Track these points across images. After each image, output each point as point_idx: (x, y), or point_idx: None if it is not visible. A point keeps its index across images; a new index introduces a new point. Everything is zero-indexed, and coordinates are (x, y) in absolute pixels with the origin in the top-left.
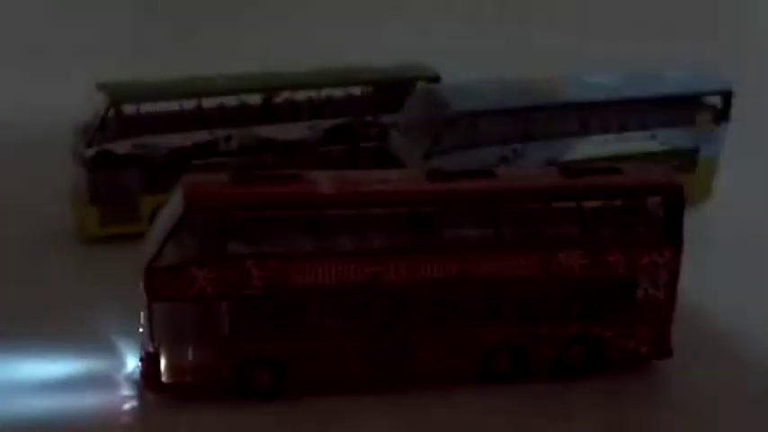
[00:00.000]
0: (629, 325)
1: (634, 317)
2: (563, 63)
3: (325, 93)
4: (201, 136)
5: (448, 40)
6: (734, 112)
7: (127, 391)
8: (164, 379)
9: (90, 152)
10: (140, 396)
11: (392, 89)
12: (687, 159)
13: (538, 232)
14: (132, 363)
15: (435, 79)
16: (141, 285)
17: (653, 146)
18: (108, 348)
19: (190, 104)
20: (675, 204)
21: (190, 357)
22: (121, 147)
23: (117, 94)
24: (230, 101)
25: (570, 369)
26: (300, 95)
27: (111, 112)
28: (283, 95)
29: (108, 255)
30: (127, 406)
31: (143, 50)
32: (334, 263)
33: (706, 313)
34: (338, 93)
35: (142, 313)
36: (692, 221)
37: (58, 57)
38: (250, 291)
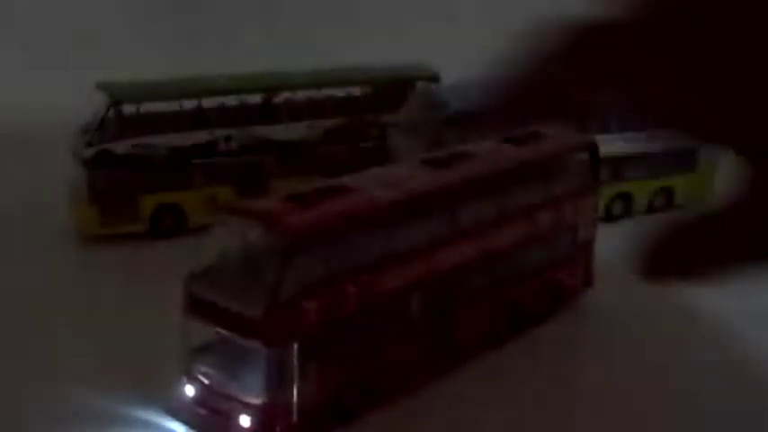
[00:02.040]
0: (573, 265)
1: (575, 257)
2: None
3: (325, 93)
4: (201, 136)
5: (448, 40)
6: None
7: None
8: (278, 429)
9: (90, 152)
10: None
11: (392, 89)
12: (687, 159)
13: (525, 200)
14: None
15: (435, 79)
16: (240, 336)
17: (653, 146)
18: (108, 348)
19: (190, 104)
20: (595, 157)
21: (294, 397)
22: (121, 147)
23: (117, 94)
24: (230, 101)
25: (542, 315)
26: (300, 95)
27: (111, 112)
28: (283, 95)
29: (108, 255)
30: None
31: (143, 50)
32: (411, 261)
33: (705, 313)
34: (338, 93)
35: (242, 363)
36: None
37: (59, 57)
38: (346, 311)
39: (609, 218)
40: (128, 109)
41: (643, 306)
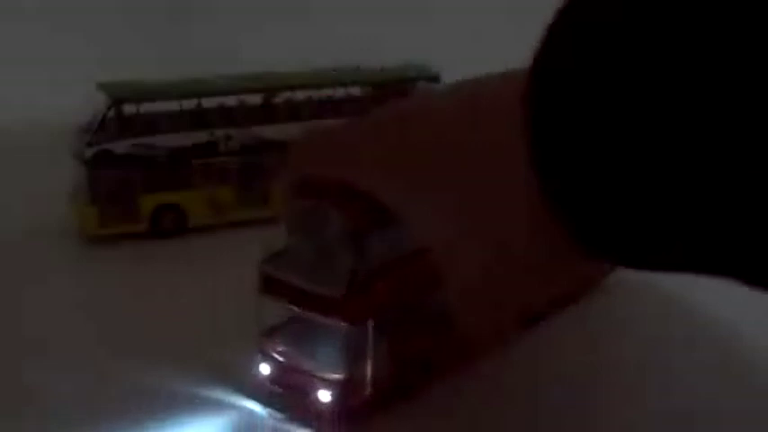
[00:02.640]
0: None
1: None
2: None
3: (325, 93)
4: (201, 136)
5: (448, 40)
6: None
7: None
8: (355, 403)
9: (90, 152)
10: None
11: (392, 89)
12: None
13: None
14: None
15: (435, 79)
16: (321, 314)
17: None
18: (107, 348)
19: (190, 104)
20: None
21: (369, 373)
22: (121, 147)
23: (117, 94)
24: (230, 101)
25: (572, 298)
26: (300, 95)
27: (111, 112)
28: (283, 95)
29: (108, 255)
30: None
31: (143, 50)
32: None
33: (705, 313)
34: (338, 93)
35: (322, 342)
36: None
37: (58, 57)
38: (413, 290)
39: None
40: (128, 109)
41: (643, 306)
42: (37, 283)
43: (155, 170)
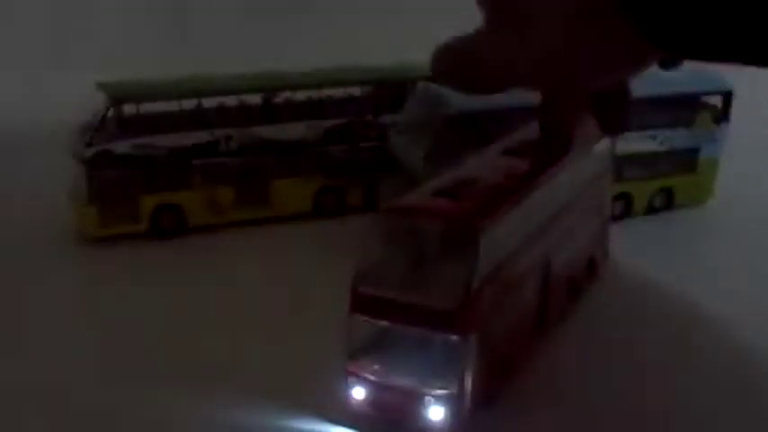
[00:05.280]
0: (601, 240)
1: (603, 232)
2: None
3: (325, 93)
4: (201, 136)
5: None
6: (734, 112)
7: None
8: (462, 416)
9: (90, 152)
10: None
11: (392, 89)
12: (687, 159)
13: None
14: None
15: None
16: (432, 329)
17: (653, 146)
18: (108, 349)
19: (190, 104)
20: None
21: (470, 385)
22: (121, 147)
23: (117, 94)
24: (230, 101)
25: (583, 288)
26: (300, 95)
27: (111, 112)
28: (283, 95)
29: (108, 255)
30: None
31: (143, 50)
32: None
33: (706, 314)
34: (338, 93)
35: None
36: (692, 221)
37: (59, 57)
38: (505, 294)
39: None
40: (128, 109)
41: (643, 305)
42: (37, 283)
43: (155, 170)
